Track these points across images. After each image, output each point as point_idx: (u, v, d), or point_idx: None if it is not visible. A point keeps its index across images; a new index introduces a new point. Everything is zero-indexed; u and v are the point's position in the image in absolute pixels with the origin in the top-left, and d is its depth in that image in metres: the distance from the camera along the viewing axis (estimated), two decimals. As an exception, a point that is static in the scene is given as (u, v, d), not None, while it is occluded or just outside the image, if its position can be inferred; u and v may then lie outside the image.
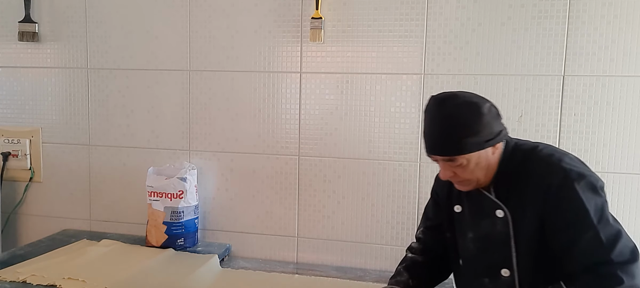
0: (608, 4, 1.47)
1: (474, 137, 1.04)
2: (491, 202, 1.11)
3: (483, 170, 1.09)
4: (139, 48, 1.79)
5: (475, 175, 1.09)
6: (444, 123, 1.06)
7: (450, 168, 1.09)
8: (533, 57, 1.52)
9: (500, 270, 1.10)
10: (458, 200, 1.20)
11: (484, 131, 1.04)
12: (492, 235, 1.11)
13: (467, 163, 1.06)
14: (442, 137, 1.06)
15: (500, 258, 1.10)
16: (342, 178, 1.68)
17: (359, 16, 1.62)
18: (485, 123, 1.04)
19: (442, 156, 1.08)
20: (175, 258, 1.58)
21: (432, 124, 1.08)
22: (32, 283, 1.35)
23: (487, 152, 1.07)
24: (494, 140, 1.06)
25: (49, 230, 1.89)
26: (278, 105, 1.71)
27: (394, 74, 1.61)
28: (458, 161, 1.06)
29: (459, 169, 1.08)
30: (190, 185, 1.67)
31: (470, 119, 1.04)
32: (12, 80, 1.91)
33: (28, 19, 1.84)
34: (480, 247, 1.14)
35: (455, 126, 1.05)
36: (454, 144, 1.05)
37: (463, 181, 1.11)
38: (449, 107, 1.06)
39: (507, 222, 1.09)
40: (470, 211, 1.16)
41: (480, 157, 1.06)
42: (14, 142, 1.92)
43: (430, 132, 1.09)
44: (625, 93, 1.48)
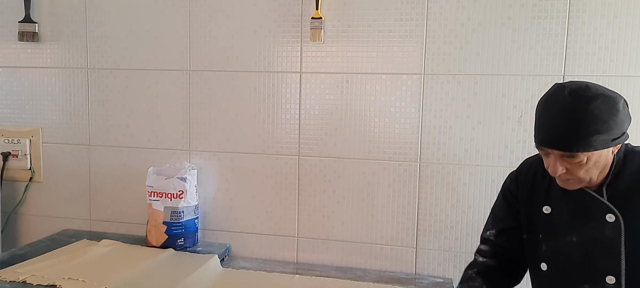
0: (608, 4, 1.47)
1: (604, 134, 0.96)
2: (602, 205, 1.04)
3: (599, 170, 1.02)
4: (139, 48, 1.80)
5: (590, 174, 1.02)
6: (573, 116, 0.97)
7: (564, 164, 1.01)
8: (533, 57, 1.52)
9: (606, 277, 1.03)
10: (546, 201, 1.12)
11: (616, 129, 0.96)
12: (600, 240, 1.04)
13: (588, 160, 0.98)
14: (569, 130, 0.97)
15: (607, 264, 1.04)
16: (342, 178, 1.68)
17: (359, 16, 1.62)
18: (618, 121, 0.96)
19: (563, 151, 0.99)
20: (175, 258, 1.58)
21: (559, 115, 0.99)
22: (32, 283, 1.35)
23: (608, 151, 1.00)
24: (620, 138, 0.98)
25: (49, 230, 1.89)
26: (278, 105, 1.71)
27: (394, 74, 1.61)
28: (578, 158, 0.98)
29: (576, 166, 1.00)
30: (190, 185, 1.67)
31: (605, 114, 0.96)
32: (12, 80, 1.91)
33: (28, 19, 1.84)
34: (584, 252, 1.06)
35: (587, 120, 0.96)
36: (582, 139, 0.96)
37: (574, 179, 1.03)
38: (583, 99, 0.97)
39: (619, 227, 1.02)
40: (570, 213, 1.09)
41: (601, 156, 0.99)
42: (14, 142, 1.92)
43: (553, 124, 0.99)
44: (625, 93, 1.47)
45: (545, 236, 1.13)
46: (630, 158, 1.05)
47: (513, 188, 1.22)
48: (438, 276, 1.61)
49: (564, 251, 1.09)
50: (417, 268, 1.64)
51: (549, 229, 1.12)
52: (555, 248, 1.11)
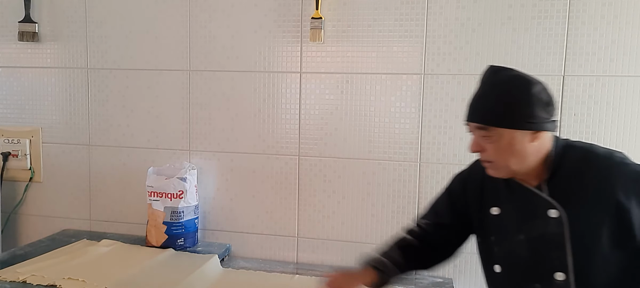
0: (608, 4, 1.47)
1: (512, 112, 1.00)
2: (543, 201, 1.05)
3: (516, 157, 1.03)
4: (139, 48, 1.80)
5: (505, 159, 1.04)
6: (488, 90, 1.04)
7: (480, 140, 1.05)
8: (533, 57, 1.52)
9: (554, 274, 1.03)
10: (495, 202, 1.13)
11: (525, 110, 0.99)
12: (545, 236, 1.04)
13: (499, 139, 1.02)
14: (481, 102, 1.04)
15: (554, 261, 1.04)
16: (342, 178, 1.68)
17: (359, 16, 1.62)
18: (528, 102, 0.99)
19: (476, 122, 1.04)
20: (175, 258, 1.58)
21: (478, 89, 1.06)
22: (32, 283, 1.35)
23: (523, 137, 1.01)
24: (533, 124, 0.99)
25: (49, 230, 1.89)
26: (278, 105, 1.71)
27: (394, 74, 1.61)
28: (489, 132, 1.02)
29: (489, 144, 1.04)
30: (190, 185, 1.67)
31: (514, 92, 1.01)
32: (12, 80, 1.91)
33: (28, 19, 1.84)
34: (532, 250, 1.07)
35: (497, 94, 1.02)
36: (490, 111, 1.02)
37: (494, 165, 1.06)
38: (499, 76, 1.03)
39: (562, 223, 1.02)
40: (516, 212, 1.10)
41: (514, 139, 1.01)
42: (14, 142, 1.92)
43: (472, 98, 1.06)
44: (625, 93, 1.48)
45: (496, 238, 1.14)
46: (568, 152, 1.06)
47: (459, 190, 1.23)
48: (438, 276, 1.61)
49: (514, 251, 1.10)
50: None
51: (499, 230, 1.13)
52: (506, 248, 1.12)
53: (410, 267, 1.23)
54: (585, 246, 1.01)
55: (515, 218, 1.10)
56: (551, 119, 1.02)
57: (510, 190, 1.10)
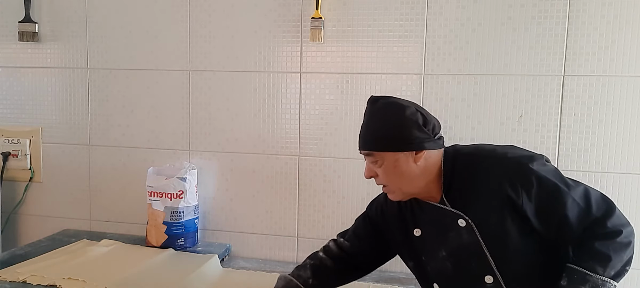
0: (608, 4, 1.47)
1: (389, 137, 1.06)
2: (449, 213, 1.09)
3: (404, 178, 1.08)
4: (139, 48, 1.79)
5: (394, 181, 1.09)
6: (368, 119, 1.12)
7: (371, 166, 1.11)
8: (533, 57, 1.52)
9: (483, 277, 1.07)
10: (414, 224, 1.16)
11: (401, 134, 1.05)
12: (462, 245, 1.08)
13: (383, 163, 1.08)
14: (364, 131, 1.11)
15: (479, 266, 1.07)
16: (342, 178, 1.68)
17: (359, 16, 1.62)
18: (402, 125, 1.05)
19: (362, 150, 1.11)
20: (175, 258, 1.58)
21: (364, 120, 1.13)
22: (32, 283, 1.35)
23: (406, 158, 1.06)
24: (410, 145, 1.05)
25: (49, 230, 1.89)
26: (278, 105, 1.71)
27: (394, 74, 1.61)
28: (374, 158, 1.09)
29: (378, 169, 1.09)
30: (190, 185, 1.67)
31: (389, 118, 1.07)
32: (12, 80, 1.91)
33: (28, 19, 1.84)
34: (455, 262, 1.10)
35: (375, 122, 1.09)
36: (371, 139, 1.09)
37: (388, 188, 1.12)
38: (376, 105, 1.10)
39: (472, 229, 1.06)
40: (433, 229, 1.13)
41: (397, 161, 1.06)
42: (14, 142, 1.92)
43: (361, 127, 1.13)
44: (625, 93, 1.48)
45: (426, 258, 1.16)
46: (457, 160, 1.10)
47: (379, 219, 1.24)
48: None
49: (442, 267, 1.13)
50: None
51: (426, 250, 1.16)
52: (435, 267, 1.15)
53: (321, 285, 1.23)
54: (499, 244, 1.05)
55: (435, 235, 1.12)
56: (430, 137, 1.07)
57: (422, 210, 1.14)
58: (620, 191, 1.51)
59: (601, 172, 1.51)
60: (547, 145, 1.53)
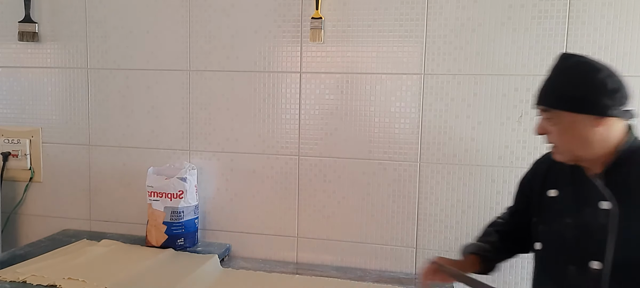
0: (608, 4, 1.47)
1: (572, 96, 1.01)
2: (597, 191, 1.04)
3: (578, 142, 1.03)
4: (139, 48, 1.80)
5: (567, 142, 1.05)
6: (553, 75, 1.07)
7: (544, 122, 1.07)
8: (533, 57, 1.52)
9: (590, 261, 1.04)
10: (554, 185, 1.14)
11: (587, 96, 1.00)
12: (591, 225, 1.04)
13: (559, 122, 1.04)
14: (545, 86, 1.07)
15: (593, 249, 1.03)
16: (342, 178, 1.68)
17: (359, 16, 1.62)
18: (591, 87, 0.99)
19: (539, 104, 1.07)
20: (175, 258, 1.58)
21: (547, 74, 1.08)
22: (32, 283, 1.35)
23: (585, 123, 1.01)
24: (593, 109, 0.99)
25: (49, 230, 1.89)
26: (278, 105, 1.71)
27: (394, 74, 1.61)
28: (551, 115, 1.05)
29: (552, 127, 1.06)
30: (190, 185, 1.67)
31: (578, 76, 1.02)
32: (12, 80, 1.91)
33: (28, 19, 1.84)
34: (576, 235, 1.07)
35: (560, 78, 1.05)
36: (550, 93, 1.05)
37: (556, 147, 1.08)
38: (568, 62, 1.05)
39: (611, 215, 1.01)
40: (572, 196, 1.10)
41: (575, 124, 1.02)
42: (14, 142, 1.92)
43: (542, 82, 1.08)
44: (625, 93, 1.48)
45: (545, 217, 1.16)
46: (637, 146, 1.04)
47: (529, 174, 1.27)
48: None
49: (558, 231, 1.11)
50: (417, 268, 1.64)
51: (550, 211, 1.15)
52: (552, 228, 1.14)
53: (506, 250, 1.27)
54: (630, 242, 1.00)
55: (570, 202, 1.10)
56: (619, 106, 1.00)
57: (573, 175, 1.11)
58: (620, 191, 1.51)
59: (601, 172, 1.51)
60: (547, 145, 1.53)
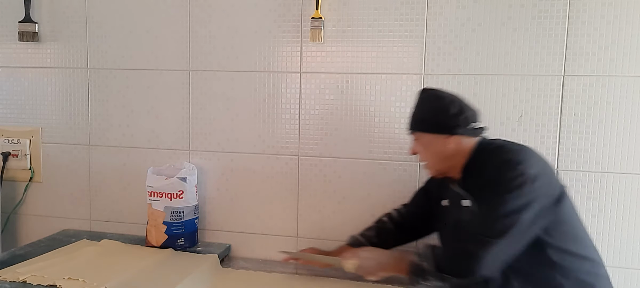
0: (608, 4, 1.47)
1: (425, 119, 1.29)
2: (457, 194, 1.27)
3: (438, 157, 1.28)
4: (139, 48, 1.80)
5: (430, 159, 1.31)
6: (415, 104, 1.34)
7: (414, 144, 1.34)
8: (533, 57, 1.52)
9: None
10: (445, 195, 1.36)
11: (436, 118, 1.26)
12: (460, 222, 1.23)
13: (420, 141, 1.31)
14: (411, 114, 1.34)
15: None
16: (342, 178, 1.68)
17: (359, 16, 1.62)
18: (439, 111, 1.26)
19: (408, 130, 1.35)
20: (175, 258, 1.58)
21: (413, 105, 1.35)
22: (32, 284, 1.35)
23: (438, 141, 1.26)
24: (444, 130, 1.25)
25: (49, 230, 1.89)
26: (278, 105, 1.71)
27: (394, 74, 1.61)
28: (415, 137, 1.33)
29: (419, 147, 1.32)
30: (190, 185, 1.67)
31: (429, 104, 1.29)
32: (12, 80, 1.91)
33: (28, 19, 1.84)
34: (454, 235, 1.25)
35: (418, 107, 1.32)
36: (413, 120, 1.33)
37: (426, 164, 1.34)
38: (425, 94, 1.33)
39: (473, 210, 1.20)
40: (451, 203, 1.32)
41: (431, 142, 1.28)
42: (14, 142, 1.92)
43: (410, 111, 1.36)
44: (625, 93, 1.48)
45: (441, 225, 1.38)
46: (482, 151, 1.25)
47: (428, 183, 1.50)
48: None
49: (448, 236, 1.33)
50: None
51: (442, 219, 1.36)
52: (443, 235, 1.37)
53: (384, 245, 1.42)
54: None
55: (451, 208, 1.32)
56: (463, 125, 1.24)
57: (446, 185, 1.34)
58: (620, 191, 1.51)
59: (601, 172, 1.51)
60: (547, 145, 1.53)
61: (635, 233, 1.52)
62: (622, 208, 1.52)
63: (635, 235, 1.52)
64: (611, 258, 1.53)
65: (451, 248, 1.20)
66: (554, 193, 1.16)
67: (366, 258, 1.32)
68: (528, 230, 1.12)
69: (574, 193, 1.53)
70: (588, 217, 1.53)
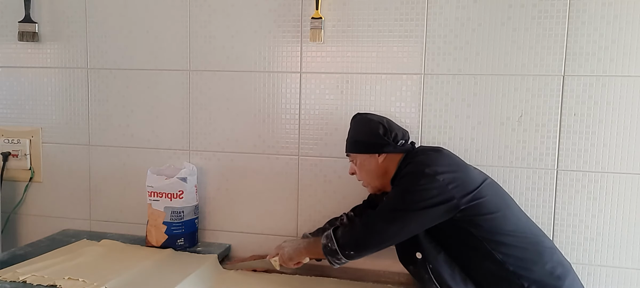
0: (608, 4, 1.47)
1: (358, 141, 1.41)
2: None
3: (372, 175, 1.40)
4: (139, 48, 1.80)
5: (364, 177, 1.43)
6: (350, 128, 1.46)
7: (351, 165, 1.46)
8: (533, 57, 1.52)
9: (415, 254, 1.29)
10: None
11: (364, 139, 1.39)
12: None
13: (355, 162, 1.43)
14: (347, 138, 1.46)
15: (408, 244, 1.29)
16: (342, 178, 1.68)
17: (359, 16, 1.62)
18: (368, 133, 1.39)
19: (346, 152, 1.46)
20: (175, 258, 1.58)
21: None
22: (32, 284, 1.35)
23: (369, 160, 1.39)
24: (373, 149, 1.38)
25: (49, 230, 1.89)
26: (278, 105, 1.71)
27: (394, 74, 1.61)
28: (351, 158, 1.45)
29: (355, 167, 1.44)
30: (190, 185, 1.67)
31: (360, 127, 1.43)
32: (12, 80, 1.91)
33: (28, 19, 1.84)
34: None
35: (351, 131, 1.45)
36: (348, 143, 1.45)
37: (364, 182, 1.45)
38: (354, 119, 1.46)
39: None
40: None
41: (364, 161, 1.40)
42: (14, 142, 1.92)
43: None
44: (625, 93, 1.48)
45: None
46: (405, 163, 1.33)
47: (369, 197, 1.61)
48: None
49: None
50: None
51: None
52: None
53: None
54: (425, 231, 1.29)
55: None
56: (390, 143, 1.36)
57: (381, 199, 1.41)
58: (620, 191, 1.51)
59: (601, 172, 1.51)
60: (547, 145, 1.53)
61: (635, 233, 1.52)
62: (622, 208, 1.52)
63: (635, 235, 1.52)
64: (611, 258, 1.53)
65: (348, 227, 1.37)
66: (466, 189, 1.23)
67: (284, 248, 1.47)
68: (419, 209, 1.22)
69: (574, 193, 1.53)
70: (588, 217, 1.53)
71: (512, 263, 1.21)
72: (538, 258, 1.23)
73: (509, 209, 1.30)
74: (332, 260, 1.34)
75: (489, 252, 1.22)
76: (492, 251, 1.22)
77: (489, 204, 1.24)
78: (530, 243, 1.26)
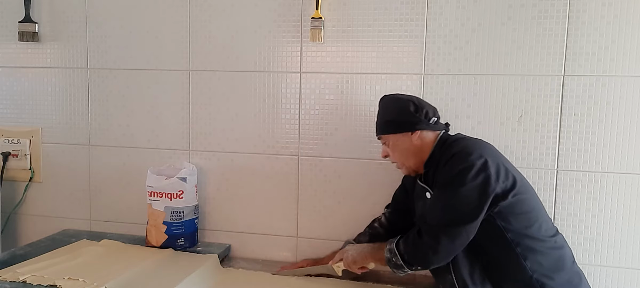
0: (608, 4, 1.47)
1: (389, 122, 1.36)
2: (421, 187, 1.34)
3: (405, 155, 1.35)
4: (139, 48, 1.80)
5: (399, 158, 1.37)
6: (378, 111, 1.41)
7: (384, 148, 1.41)
8: (533, 57, 1.52)
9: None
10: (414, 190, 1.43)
11: (398, 118, 1.34)
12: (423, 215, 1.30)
13: (388, 143, 1.38)
14: (376, 121, 1.41)
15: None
16: (342, 178, 1.68)
17: (359, 16, 1.62)
18: (399, 112, 1.34)
19: (377, 135, 1.41)
20: (175, 258, 1.58)
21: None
22: (32, 284, 1.35)
23: (403, 139, 1.34)
24: (406, 128, 1.33)
25: (49, 230, 1.89)
26: (278, 105, 1.71)
27: (394, 74, 1.61)
28: (383, 140, 1.40)
29: (388, 149, 1.39)
30: (190, 185, 1.67)
31: (389, 107, 1.37)
32: (12, 80, 1.91)
33: (28, 19, 1.84)
34: (420, 222, 1.32)
35: (381, 113, 1.40)
36: (378, 125, 1.40)
37: (398, 164, 1.40)
38: (383, 100, 1.40)
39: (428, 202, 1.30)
40: (417, 195, 1.39)
41: (398, 141, 1.35)
42: (14, 142, 1.92)
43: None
44: (625, 93, 1.48)
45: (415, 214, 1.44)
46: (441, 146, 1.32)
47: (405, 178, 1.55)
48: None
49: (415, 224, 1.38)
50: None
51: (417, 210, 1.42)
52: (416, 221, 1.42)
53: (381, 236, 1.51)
54: None
55: (417, 199, 1.39)
56: (423, 121, 1.32)
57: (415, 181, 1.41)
58: (620, 191, 1.51)
59: (601, 172, 1.51)
60: (547, 145, 1.53)
61: (635, 233, 1.52)
62: (622, 208, 1.52)
63: (635, 235, 1.52)
64: (611, 258, 1.53)
65: (411, 242, 1.27)
66: (506, 185, 1.20)
67: (348, 251, 1.45)
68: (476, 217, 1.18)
69: (574, 193, 1.53)
70: (588, 217, 1.53)
71: (536, 271, 1.20)
72: (561, 267, 1.23)
73: (541, 212, 1.28)
74: (398, 272, 1.31)
75: (516, 255, 1.20)
76: (519, 255, 1.20)
77: (525, 203, 1.23)
78: (555, 250, 1.25)
